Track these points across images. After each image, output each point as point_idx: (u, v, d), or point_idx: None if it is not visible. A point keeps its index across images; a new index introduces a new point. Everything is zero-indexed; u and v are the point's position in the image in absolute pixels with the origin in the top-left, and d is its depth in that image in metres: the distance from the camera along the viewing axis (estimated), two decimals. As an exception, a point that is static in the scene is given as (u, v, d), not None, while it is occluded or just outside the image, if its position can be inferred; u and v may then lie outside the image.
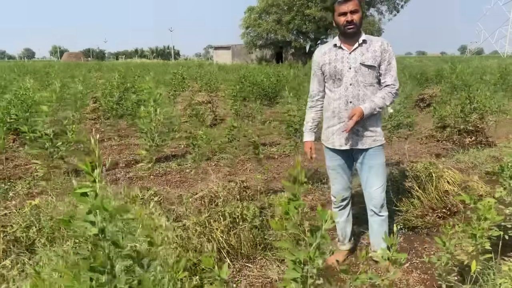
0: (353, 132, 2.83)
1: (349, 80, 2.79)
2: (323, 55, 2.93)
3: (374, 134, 2.87)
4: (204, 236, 3.01)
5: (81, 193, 1.38)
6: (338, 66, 2.81)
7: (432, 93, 11.23)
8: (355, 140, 2.86)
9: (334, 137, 2.93)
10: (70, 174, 5.06)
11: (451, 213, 3.90)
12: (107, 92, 7.62)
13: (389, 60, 2.80)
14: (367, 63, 2.76)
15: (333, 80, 2.87)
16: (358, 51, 2.79)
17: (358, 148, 2.89)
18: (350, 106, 2.81)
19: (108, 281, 1.35)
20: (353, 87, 2.79)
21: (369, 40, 2.81)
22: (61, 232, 2.85)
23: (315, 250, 1.61)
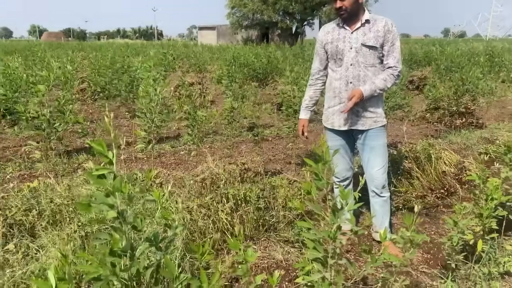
0: (353, 112, 2.81)
1: (350, 60, 2.76)
2: (326, 34, 2.89)
3: (374, 115, 2.84)
4: (209, 218, 2.98)
5: (98, 175, 1.31)
6: (339, 46, 2.78)
7: (421, 75, 11.28)
8: (355, 120, 2.84)
9: (334, 118, 2.92)
10: (62, 156, 4.94)
11: (448, 193, 3.94)
12: (97, 73, 7.42)
13: (393, 41, 2.74)
14: (368, 44, 2.71)
15: (335, 60, 2.85)
16: (360, 31, 2.74)
17: (359, 129, 2.87)
18: (350, 86, 2.78)
19: (129, 265, 1.31)
20: (354, 68, 2.76)
21: (373, 20, 2.75)
22: (63, 214, 2.78)
23: (336, 230, 1.60)
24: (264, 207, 3.30)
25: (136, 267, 1.26)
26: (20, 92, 4.92)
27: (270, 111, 7.99)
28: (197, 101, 8.18)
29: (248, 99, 6.89)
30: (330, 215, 1.58)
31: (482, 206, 2.47)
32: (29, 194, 2.87)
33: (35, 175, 4.48)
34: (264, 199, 3.34)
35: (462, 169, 4.30)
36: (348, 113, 2.79)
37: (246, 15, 37.96)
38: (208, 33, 50.72)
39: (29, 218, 2.74)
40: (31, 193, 2.91)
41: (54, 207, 2.81)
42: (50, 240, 2.47)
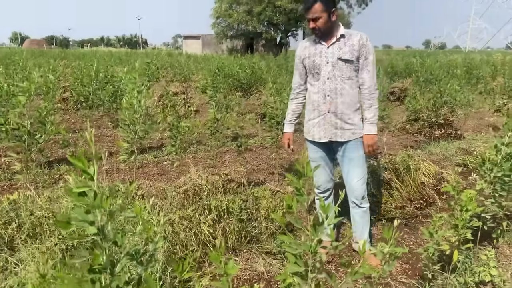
0: (332, 125, 2.89)
1: (327, 74, 2.85)
2: (303, 49, 2.99)
3: (353, 127, 2.90)
4: (190, 230, 2.99)
5: (79, 193, 1.32)
6: (316, 60, 2.88)
7: (402, 86, 11.51)
8: (333, 133, 2.91)
9: (314, 130, 2.99)
10: (43, 167, 4.88)
11: (427, 204, 4.03)
12: (80, 82, 7.37)
13: (366, 55, 2.83)
14: (344, 58, 2.80)
15: (312, 74, 2.94)
16: (336, 45, 2.83)
17: (338, 141, 2.94)
18: (328, 99, 2.87)
19: (109, 282, 1.32)
20: (331, 81, 2.84)
21: (348, 34, 2.85)
22: (42, 227, 2.75)
23: (316, 244, 1.63)
24: (247, 219, 3.32)
25: (116, 283, 1.26)
26: (0, 102, 4.86)
27: (254, 121, 8.04)
28: (181, 111, 8.19)
29: (232, 109, 6.94)
30: (310, 229, 1.61)
31: (458, 217, 2.54)
32: (9, 207, 2.84)
33: (15, 187, 4.42)
34: (247, 210, 3.36)
35: (440, 180, 4.41)
36: (327, 125, 2.89)
37: (231, 25, 38.17)
38: (193, 42, 50.77)
39: (8, 231, 2.70)
40: (11, 206, 2.88)
41: (34, 220, 2.78)
42: (29, 253, 2.45)
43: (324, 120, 2.90)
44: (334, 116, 2.85)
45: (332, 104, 2.85)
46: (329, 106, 2.86)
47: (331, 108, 2.86)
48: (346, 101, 2.84)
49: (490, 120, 8.73)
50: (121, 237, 1.30)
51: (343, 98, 2.83)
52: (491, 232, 3.17)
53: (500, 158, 2.79)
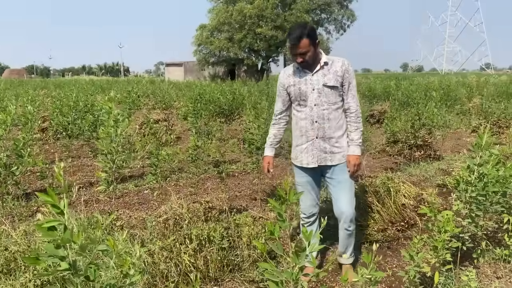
0: (321, 150, 2.96)
1: (313, 101, 2.92)
2: (287, 77, 3.05)
3: (341, 150, 2.99)
4: (171, 260, 2.93)
5: (49, 227, 1.29)
6: (302, 88, 2.95)
7: (381, 109, 11.72)
8: (323, 157, 2.98)
9: (302, 156, 3.04)
10: (20, 199, 4.77)
11: (409, 225, 4.05)
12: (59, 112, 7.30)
13: (350, 80, 2.95)
14: (329, 84, 2.89)
15: (298, 101, 3.00)
16: (320, 73, 2.92)
17: (327, 165, 3.00)
18: (315, 125, 2.94)
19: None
20: (318, 107, 2.92)
21: (330, 61, 2.95)
22: (17, 263, 2.66)
23: (298, 272, 1.62)
24: (229, 247, 3.28)
25: (88, 321, 1.23)
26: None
27: (235, 147, 8.05)
28: (163, 138, 8.15)
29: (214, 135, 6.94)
30: (292, 256, 1.61)
31: (436, 239, 2.56)
32: (-19, 243, 2.75)
33: (-10, 221, 4.29)
34: (229, 238, 3.32)
35: (421, 201, 4.44)
36: (316, 150, 2.97)
37: (213, 52, 38.59)
38: (175, 69, 51.07)
39: (-19, 268, 2.61)
40: (-16, 241, 2.79)
41: (8, 255, 2.69)
42: (2, 291, 2.36)
43: (312, 145, 2.97)
44: (323, 141, 2.94)
45: (320, 130, 2.93)
46: (317, 131, 2.94)
47: (319, 134, 2.94)
48: (333, 126, 2.94)
49: (467, 140, 8.93)
50: (94, 271, 1.27)
51: (330, 123, 2.93)
52: (471, 252, 3.20)
53: (474, 178, 2.84)
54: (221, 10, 37.19)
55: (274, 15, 35.86)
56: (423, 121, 6.68)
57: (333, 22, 40.52)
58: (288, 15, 36.48)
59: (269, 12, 35.38)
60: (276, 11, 36.56)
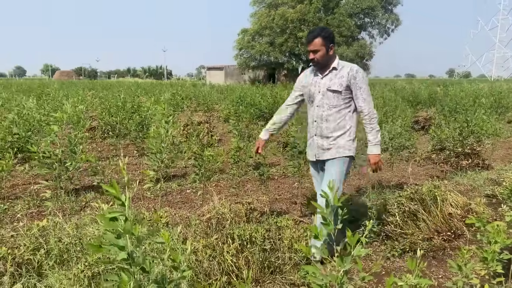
0: (318, 146, 3.27)
1: (317, 102, 3.22)
2: (305, 77, 3.37)
3: (335, 147, 3.22)
4: (214, 259, 2.99)
5: (111, 218, 1.36)
6: (311, 90, 3.25)
7: (426, 115, 11.39)
8: (320, 152, 3.28)
9: (308, 150, 3.43)
10: (70, 194, 5.00)
11: (455, 236, 3.92)
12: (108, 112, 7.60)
13: (360, 85, 3.14)
14: (332, 88, 3.14)
15: (308, 101, 3.32)
16: (328, 77, 3.19)
17: (324, 159, 3.27)
18: (314, 124, 3.27)
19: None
20: (319, 108, 3.21)
21: (340, 66, 3.18)
22: (70, 254, 2.80)
23: (343, 275, 1.61)
24: (270, 248, 3.30)
25: (143, 309, 1.28)
26: (32, 132, 5.06)
27: (276, 150, 8.07)
28: (205, 140, 8.30)
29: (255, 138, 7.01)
30: (337, 260, 1.60)
31: (486, 250, 2.46)
32: (38, 233, 2.91)
33: (44, 213, 4.53)
34: (270, 240, 3.34)
35: (469, 211, 4.29)
36: (314, 146, 3.29)
37: (254, 56, 38.93)
38: (216, 73, 51.84)
39: (37, 257, 2.76)
40: (40, 232, 2.95)
41: (62, 247, 2.84)
42: (56, 280, 2.49)
43: (313, 142, 3.31)
44: (321, 139, 3.24)
45: (318, 129, 3.24)
46: (316, 130, 3.26)
47: (317, 132, 3.26)
48: (331, 126, 3.19)
49: (519, 150, 8.51)
50: (149, 263, 1.33)
51: (328, 124, 3.19)
52: (524, 266, 3.04)
53: (531, 189, 2.71)
54: (263, 14, 37.46)
55: (316, 19, 35.71)
56: (472, 129, 6.43)
57: (376, 27, 39.83)
58: (331, 19, 36.22)
59: (311, 16, 35.27)
60: (318, 15, 36.40)
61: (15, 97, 9.32)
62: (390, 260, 3.59)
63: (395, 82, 33.73)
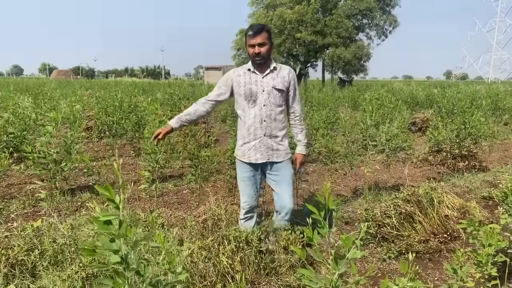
0: (268, 147, 3.23)
1: (263, 101, 3.17)
2: (237, 76, 3.24)
3: (285, 148, 3.30)
4: (209, 260, 2.97)
5: (104, 221, 1.34)
6: (253, 88, 3.17)
7: (424, 117, 11.40)
8: (270, 154, 3.25)
9: (250, 152, 3.26)
10: (66, 194, 4.98)
11: (452, 238, 3.92)
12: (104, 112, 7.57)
13: (295, 87, 3.32)
14: (278, 87, 3.18)
15: (248, 100, 3.20)
16: (269, 76, 3.19)
17: (274, 161, 3.27)
18: (264, 124, 3.20)
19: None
20: (266, 108, 3.18)
21: (279, 67, 3.25)
22: (64, 255, 2.78)
23: (338, 278, 1.60)
24: (266, 250, 3.29)
25: (136, 313, 1.27)
26: (28, 131, 5.03)
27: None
28: (202, 140, 8.27)
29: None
30: (331, 262, 1.59)
31: (480, 253, 2.46)
32: (32, 234, 2.89)
33: (39, 214, 4.51)
34: (266, 241, 3.33)
35: (465, 213, 4.28)
36: (263, 148, 3.23)
37: (251, 57, 38.90)
38: (214, 73, 51.83)
39: (31, 258, 2.74)
40: (34, 233, 2.93)
41: (56, 247, 2.82)
42: (50, 281, 2.47)
43: (260, 143, 3.22)
44: (269, 139, 3.21)
45: (267, 128, 3.20)
46: (265, 130, 3.20)
47: (266, 132, 3.20)
48: (278, 126, 3.23)
49: (516, 152, 8.52)
50: (144, 267, 1.31)
51: (276, 123, 3.22)
52: (519, 269, 3.04)
53: (526, 192, 2.71)
54: (261, 15, 37.45)
55: (314, 20, 35.70)
56: (469, 131, 6.44)
57: (374, 28, 39.85)
58: (329, 20, 36.23)
59: (309, 17, 35.26)
60: (316, 16, 36.40)
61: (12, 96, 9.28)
62: (386, 262, 3.59)
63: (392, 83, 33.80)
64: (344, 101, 16.58)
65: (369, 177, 5.68)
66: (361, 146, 5.37)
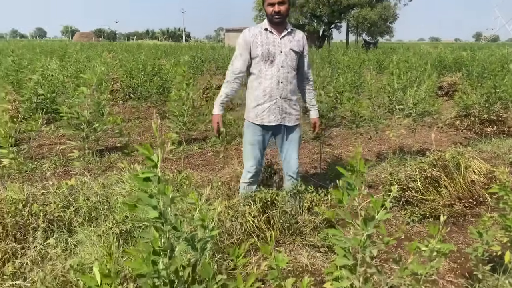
0: (282, 109, 3.22)
1: (281, 62, 3.14)
2: (254, 36, 3.15)
3: (297, 113, 3.32)
4: (236, 219, 3.06)
5: (144, 178, 1.39)
6: (270, 49, 3.12)
7: (451, 81, 11.08)
8: (283, 117, 3.25)
9: (263, 114, 3.22)
10: (94, 154, 5.13)
11: (477, 203, 3.90)
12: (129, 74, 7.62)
13: (307, 52, 3.34)
14: (295, 49, 3.18)
15: (265, 61, 3.14)
16: (286, 38, 3.17)
17: (285, 125, 3.28)
18: (281, 86, 3.17)
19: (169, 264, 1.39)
20: (284, 69, 3.15)
21: (293, 30, 3.23)
22: (98, 212, 2.91)
23: (366, 239, 1.64)
24: (290, 211, 3.35)
25: (175, 266, 1.33)
26: (57, 93, 5.14)
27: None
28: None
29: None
30: (360, 223, 1.62)
31: (509, 217, 2.45)
32: (67, 191, 3.02)
33: (70, 173, 4.68)
34: (290, 203, 3.39)
35: (492, 179, 4.23)
36: (278, 110, 3.21)
37: (273, 18, 38.03)
38: (235, 35, 51.02)
39: (67, 214, 2.87)
40: (69, 190, 3.06)
41: (90, 205, 2.94)
42: (86, 236, 2.60)
43: (275, 105, 3.19)
44: (284, 101, 3.20)
45: (283, 90, 3.18)
46: (281, 91, 3.17)
47: (282, 94, 3.18)
48: (292, 89, 3.24)
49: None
50: (180, 222, 1.37)
51: (291, 86, 3.22)
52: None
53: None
54: (284, -26, 36.25)
55: (340, -21, 34.43)
56: (500, 95, 6.24)
57: (402, -13, 38.21)
58: (355, -21, 34.87)
59: (334, -24, 34.00)
60: (341, -26, 35.05)
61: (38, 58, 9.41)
62: (409, 225, 3.62)
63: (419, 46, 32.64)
64: (369, 64, 16.18)
65: (394, 141, 5.64)
66: (387, 110, 5.29)
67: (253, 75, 3.22)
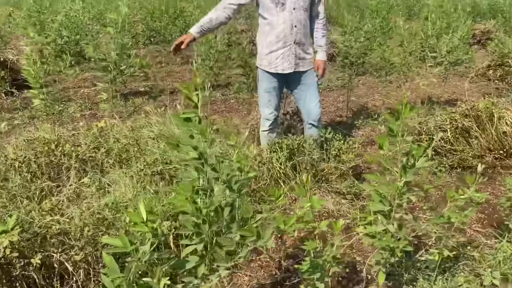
0: (296, 55, 3.06)
1: (292, 4, 2.93)
2: None
3: (310, 57, 3.16)
4: (263, 165, 3.08)
5: (185, 118, 1.38)
6: None
7: (484, 28, 10.52)
8: (297, 63, 3.09)
9: (277, 62, 3.07)
10: (119, 98, 5.14)
11: (508, 155, 3.83)
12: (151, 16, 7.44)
13: None
14: None
15: (276, 3, 2.94)
16: None
17: (300, 71, 3.12)
18: (294, 30, 2.99)
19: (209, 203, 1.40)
20: (296, 12, 2.95)
21: None
22: (129, 154, 2.95)
23: (403, 185, 1.62)
24: (317, 158, 3.34)
25: (215, 205, 1.35)
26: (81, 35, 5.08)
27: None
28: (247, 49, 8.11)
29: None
30: (400, 170, 1.60)
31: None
32: (97, 133, 3.06)
33: (96, 116, 4.73)
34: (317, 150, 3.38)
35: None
36: (292, 56, 3.04)
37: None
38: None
39: (98, 155, 2.93)
40: (99, 132, 3.10)
41: (120, 146, 2.98)
42: (119, 176, 2.65)
43: (289, 51, 3.02)
44: (298, 46, 3.03)
45: (297, 35, 3.00)
46: (295, 36, 2.99)
47: (296, 39, 3.01)
48: (306, 32, 3.08)
49: None
50: (219, 163, 1.37)
51: (305, 29, 3.05)
52: None
53: None
54: None
55: None
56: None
57: None
58: None
59: None
60: None
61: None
62: (436, 175, 3.58)
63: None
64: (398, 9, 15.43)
65: (423, 90, 5.47)
66: (418, 58, 5.10)
67: (264, 19, 3.04)
